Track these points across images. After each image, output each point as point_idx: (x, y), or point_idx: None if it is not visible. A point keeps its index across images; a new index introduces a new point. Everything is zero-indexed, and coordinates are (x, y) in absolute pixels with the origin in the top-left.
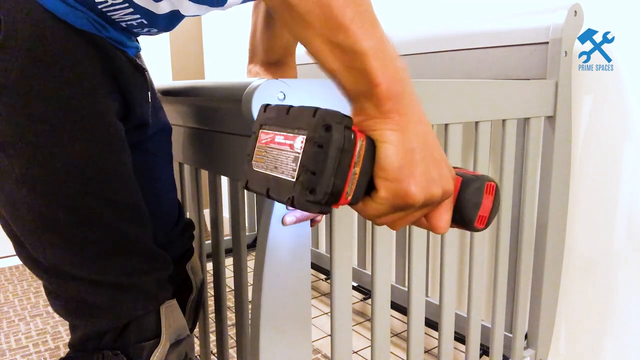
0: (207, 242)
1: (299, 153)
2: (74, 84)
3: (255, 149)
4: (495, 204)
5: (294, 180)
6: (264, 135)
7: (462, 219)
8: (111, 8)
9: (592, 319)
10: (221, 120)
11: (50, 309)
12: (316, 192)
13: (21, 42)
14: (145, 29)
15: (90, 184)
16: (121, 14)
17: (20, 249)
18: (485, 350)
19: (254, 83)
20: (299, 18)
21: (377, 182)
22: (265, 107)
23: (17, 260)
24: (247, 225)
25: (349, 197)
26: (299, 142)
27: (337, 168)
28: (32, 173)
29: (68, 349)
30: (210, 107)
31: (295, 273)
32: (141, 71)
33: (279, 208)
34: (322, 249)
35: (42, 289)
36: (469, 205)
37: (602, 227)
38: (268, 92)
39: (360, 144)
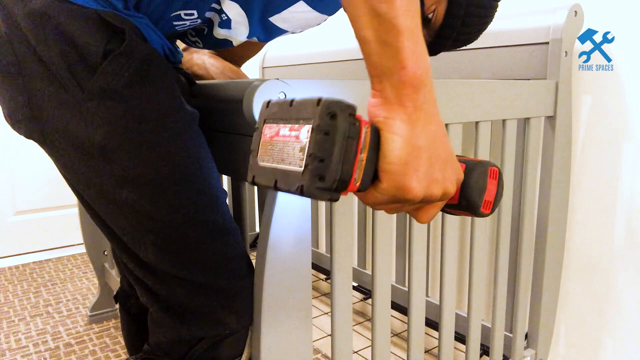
0: None
1: (305, 142)
2: (168, 93)
3: (260, 143)
4: (500, 188)
5: (302, 169)
6: (268, 130)
7: (468, 204)
8: (181, 24)
9: (592, 319)
10: (222, 120)
11: (50, 309)
12: (325, 179)
13: (135, 56)
14: (195, 42)
15: (194, 180)
16: (188, 27)
17: (119, 248)
18: (485, 350)
19: (255, 83)
20: None
21: (380, 173)
22: (268, 102)
23: (17, 261)
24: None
25: (357, 184)
26: (305, 131)
27: (344, 154)
28: (134, 173)
29: (147, 347)
30: (210, 107)
31: (296, 273)
32: (192, 84)
33: (280, 208)
34: (322, 249)
35: (42, 289)
36: (474, 190)
37: (601, 227)
38: (269, 91)
39: (365, 131)
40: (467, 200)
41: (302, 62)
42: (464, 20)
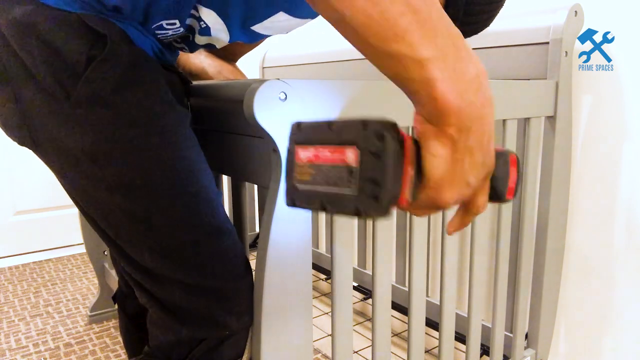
0: None
1: (354, 165)
2: (157, 95)
3: (296, 167)
4: (519, 174)
5: (356, 192)
6: (304, 153)
7: (496, 194)
8: (163, 33)
9: (592, 319)
10: (222, 119)
11: (50, 309)
12: (380, 199)
13: (120, 60)
14: (181, 48)
15: (187, 183)
16: (170, 36)
17: (116, 252)
18: (485, 350)
19: (255, 83)
20: (351, 31)
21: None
22: (299, 124)
23: (17, 260)
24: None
25: (408, 197)
26: (352, 154)
27: (395, 173)
28: (125, 179)
29: (147, 348)
30: (211, 107)
31: (296, 273)
32: (187, 83)
33: (281, 208)
34: (323, 249)
35: (42, 289)
36: (500, 181)
37: (601, 227)
38: (270, 92)
39: (410, 147)
40: (494, 190)
41: (302, 62)
42: (466, 9)
